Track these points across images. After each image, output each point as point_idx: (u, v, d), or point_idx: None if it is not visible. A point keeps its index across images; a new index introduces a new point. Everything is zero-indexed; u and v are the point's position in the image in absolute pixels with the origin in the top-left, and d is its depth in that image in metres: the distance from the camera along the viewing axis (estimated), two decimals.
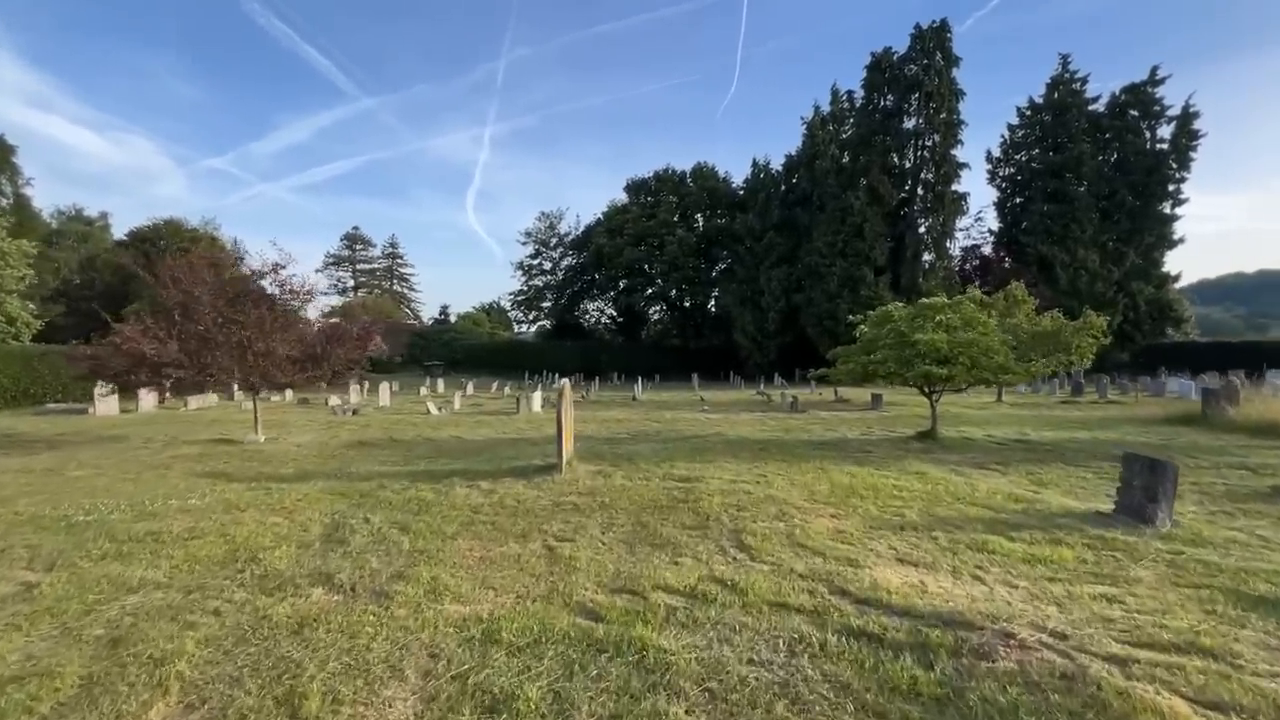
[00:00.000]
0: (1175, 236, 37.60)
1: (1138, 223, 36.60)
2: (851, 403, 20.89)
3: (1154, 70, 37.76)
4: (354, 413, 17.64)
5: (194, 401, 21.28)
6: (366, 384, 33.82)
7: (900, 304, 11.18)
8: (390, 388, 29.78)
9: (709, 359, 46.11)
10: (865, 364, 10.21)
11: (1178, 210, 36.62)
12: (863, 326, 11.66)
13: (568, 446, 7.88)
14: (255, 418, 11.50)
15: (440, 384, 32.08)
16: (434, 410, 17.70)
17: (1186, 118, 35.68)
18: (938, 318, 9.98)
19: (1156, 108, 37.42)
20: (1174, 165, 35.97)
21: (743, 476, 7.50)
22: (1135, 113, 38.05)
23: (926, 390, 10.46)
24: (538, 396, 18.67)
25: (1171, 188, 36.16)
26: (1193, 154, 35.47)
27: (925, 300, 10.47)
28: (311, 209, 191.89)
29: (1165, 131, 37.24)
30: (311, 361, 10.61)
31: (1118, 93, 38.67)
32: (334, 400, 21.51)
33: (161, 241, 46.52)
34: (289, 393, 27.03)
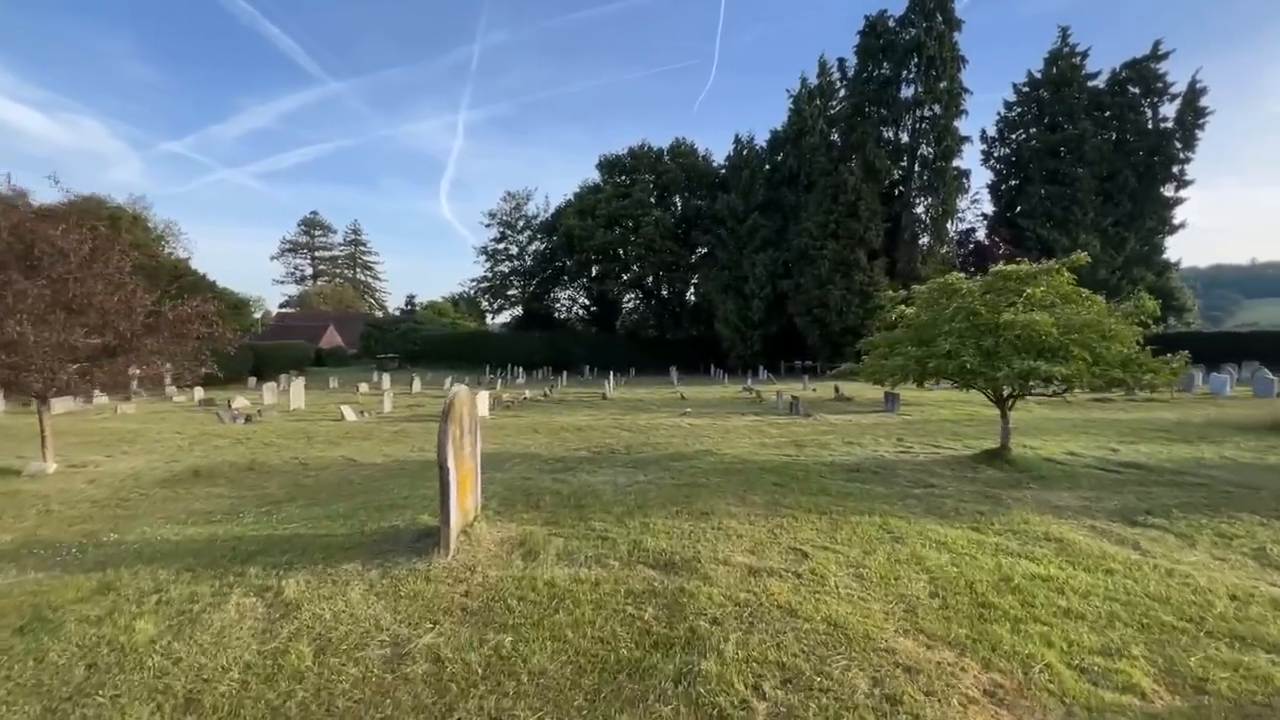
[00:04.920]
0: (1175, 221, 35.79)
1: (1139, 206, 34.59)
2: (856, 401, 18.02)
3: (1156, 45, 35.66)
4: (246, 420, 14.02)
5: (59, 404, 17.27)
6: (303, 380, 29.98)
7: (960, 274, 8.12)
8: (310, 384, 26.26)
9: (688, 351, 43.09)
10: (921, 358, 7.12)
11: (1181, 193, 34.73)
12: (903, 306, 8.61)
13: (464, 504, 4.61)
14: (42, 436, 7.91)
15: (386, 380, 28.31)
16: (350, 416, 14.18)
17: (1193, 94, 33.66)
18: (1026, 291, 6.95)
19: (1159, 84, 35.37)
20: (1179, 145, 33.97)
21: (766, 555, 4.34)
22: (1136, 90, 35.99)
23: (1005, 395, 7.46)
24: (483, 398, 15.28)
25: (1175, 169, 34.19)
26: (1199, 132, 33.51)
27: (1004, 267, 7.43)
28: (277, 196, 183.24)
29: (1168, 110, 35.28)
30: (106, 355, 7.08)
31: (1118, 69, 36.53)
32: (239, 402, 17.78)
33: (76, 219, 41.54)
34: (199, 391, 23.08)
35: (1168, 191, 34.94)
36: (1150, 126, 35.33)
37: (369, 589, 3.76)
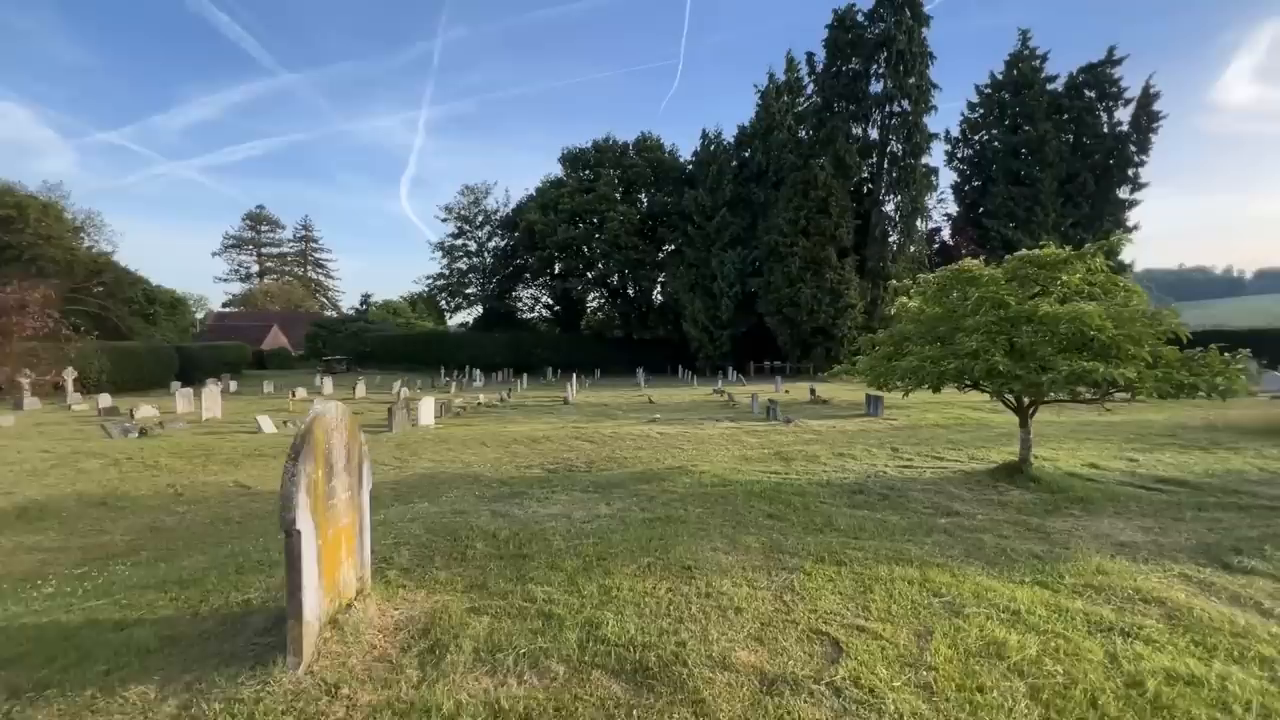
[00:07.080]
0: (1130, 223, 36.58)
1: (1097, 208, 35.21)
2: (833, 404, 17.06)
3: (1111, 50, 36.44)
4: (141, 433, 11.95)
5: None
6: (230, 384, 27.54)
7: (975, 261, 7.02)
8: (242, 389, 24.00)
9: (655, 351, 41.84)
10: (938, 358, 5.96)
11: (1136, 195, 35.52)
12: (904, 299, 7.48)
13: (333, 581, 3.10)
14: None
15: (329, 384, 26.01)
16: (267, 428, 12.29)
17: (1147, 98, 34.42)
18: (1062, 278, 5.88)
19: (1114, 89, 36.11)
20: (1133, 148, 34.69)
21: (782, 647, 3.00)
22: (1092, 94, 36.66)
23: (1029, 402, 6.38)
24: (428, 405, 13.58)
25: (1130, 171, 34.92)
26: (1153, 135, 34.27)
27: (1031, 251, 6.39)
28: (226, 192, 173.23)
29: (1122, 114, 36.07)
30: None
31: (1075, 72, 37.18)
32: (144, 411, 15.53)
33: None
34: (105, 398, 20.44)
35: (1123, 194, 35.69)
36: (1106, 130, 36.04)
37: None
